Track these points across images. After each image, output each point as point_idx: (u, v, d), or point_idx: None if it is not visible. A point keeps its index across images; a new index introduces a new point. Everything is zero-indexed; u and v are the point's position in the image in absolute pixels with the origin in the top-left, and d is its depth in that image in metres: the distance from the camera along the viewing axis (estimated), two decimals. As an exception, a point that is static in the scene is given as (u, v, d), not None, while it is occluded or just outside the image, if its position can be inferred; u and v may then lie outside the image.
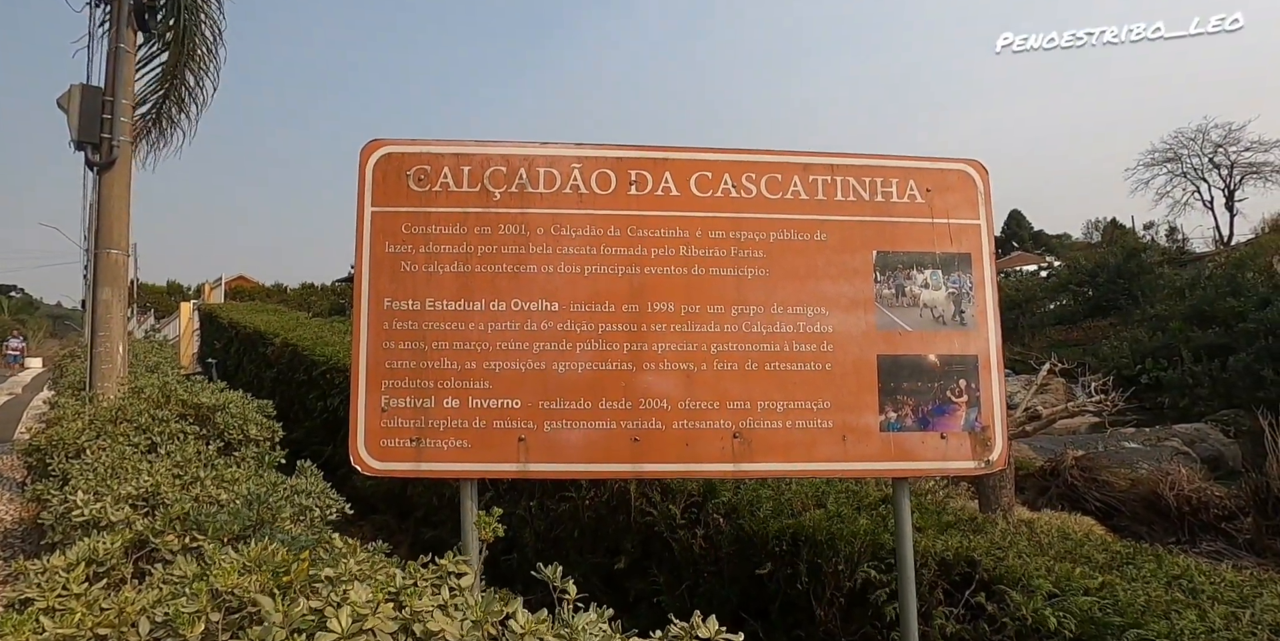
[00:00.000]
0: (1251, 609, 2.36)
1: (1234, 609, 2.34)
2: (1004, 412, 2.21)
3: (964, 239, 2.28)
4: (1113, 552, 2.78)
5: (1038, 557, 2.64)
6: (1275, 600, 2.54)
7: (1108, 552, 2.76)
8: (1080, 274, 36.37)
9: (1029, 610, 2.25)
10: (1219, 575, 2.79)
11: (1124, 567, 2.67)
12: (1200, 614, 2.23)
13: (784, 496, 3.25)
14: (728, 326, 2.17)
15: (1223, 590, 2.53)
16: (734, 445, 2.12)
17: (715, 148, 2.25)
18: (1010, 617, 2.29)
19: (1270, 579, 3.00)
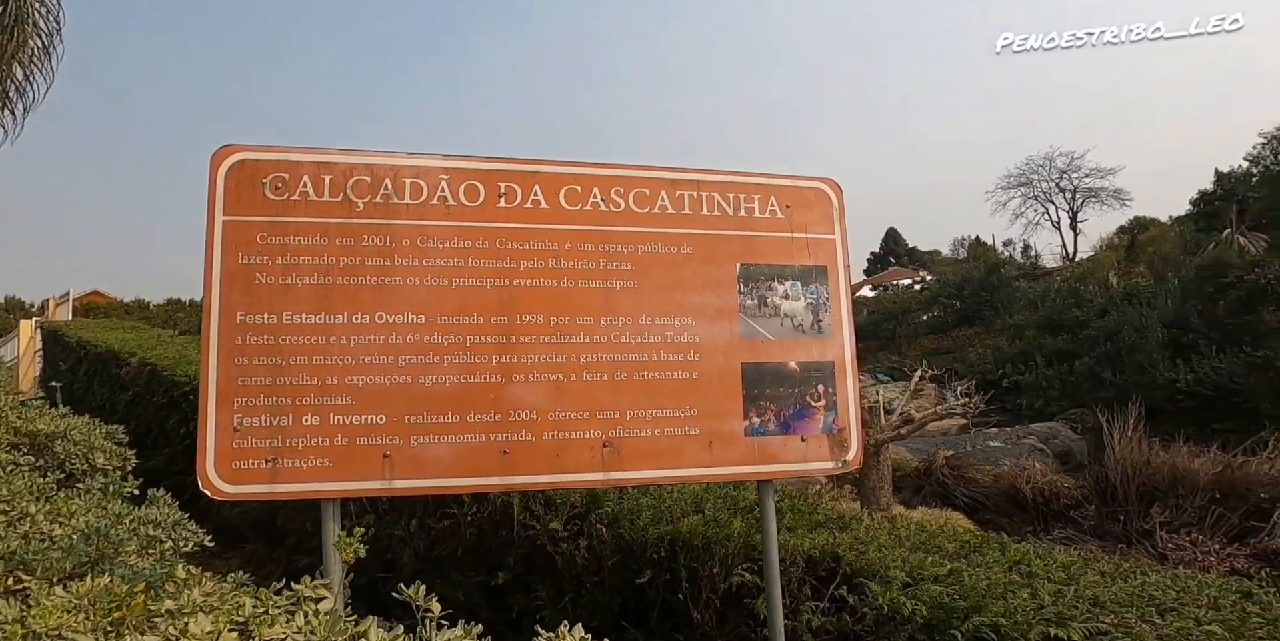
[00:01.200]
0: (1076, 585, 2.62)
1: (1061, 586, 2.59)
2: (859, 415, 2.36)
3: (821, 252, 2.43)
4: (962, 542, 3.00)
5: (896, 550, 2.81)
6: (1096, 577, 2.82)
7: (957, 542, 2.98)
8: (949, 287, 39.29)
9: (885, 599, 2.39)
10: (1053, 558, 3.07)
11: (971, 555, 2.90)
12: (1032, 593, 2.45)
13: (665, 503, 3.31)
14: (597, 337, 2.20)
15: (1054, 571, 2.78)
16: (604, 454, 2.14)
17: (584, 161, 2.29)
18: (869, 607, 2.43)
19: (1096, 558, 3.34)
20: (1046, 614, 2.28)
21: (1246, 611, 2.53)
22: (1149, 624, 2.28)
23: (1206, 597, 2.66)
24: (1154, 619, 2.34)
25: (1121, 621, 2.28)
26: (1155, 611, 2.42)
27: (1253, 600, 2.73)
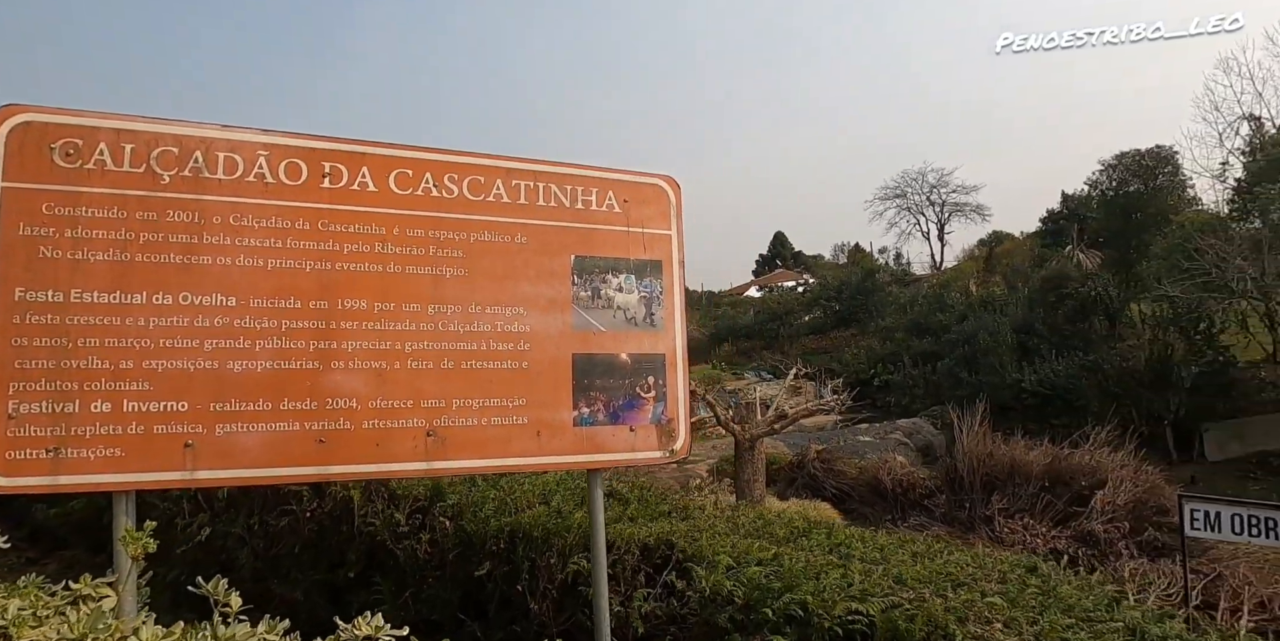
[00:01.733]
0: (885, 565, 2.83)
1: (872, 565, 2.79)
2: (688, 406, 2.45)
3: (656, 247, 2.50)
4: (792, 528, 3.17)
5: (729, 537, 2.94)
6: (906, 557, 3.06)
7: (789, 528, 3.15)
8: (829, 290, 41.34)
9: (709, 583, 2.50)
10: (873, 541, 3.30)
11: (799, 540, 3.07)
12: (845, 573, 2.63)
13: (513, 495, 3.30)
14: (424, 325, 2.16)
15: (870, 552, 3.00)
16: (427, 443, 2.11)
17: (417, 146, 2.24)
18: (694, 591, 2.53)
19: (910, 540, 3.62)
20: (853, 591, 2.45)
21: (1027, 583, 2.82)
22: (941, 597, 2.50)
23: (997, 573, 2.95)
24: (947, 593, 2.56)
25: (918, 595, 2.49)
26: (950, 586, 2.65)
27: (1036, 574, 3.06)
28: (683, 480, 22.43)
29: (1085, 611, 2.49)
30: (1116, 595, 2.80)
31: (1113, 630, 2.33)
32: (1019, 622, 2.29)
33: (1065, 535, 11.01)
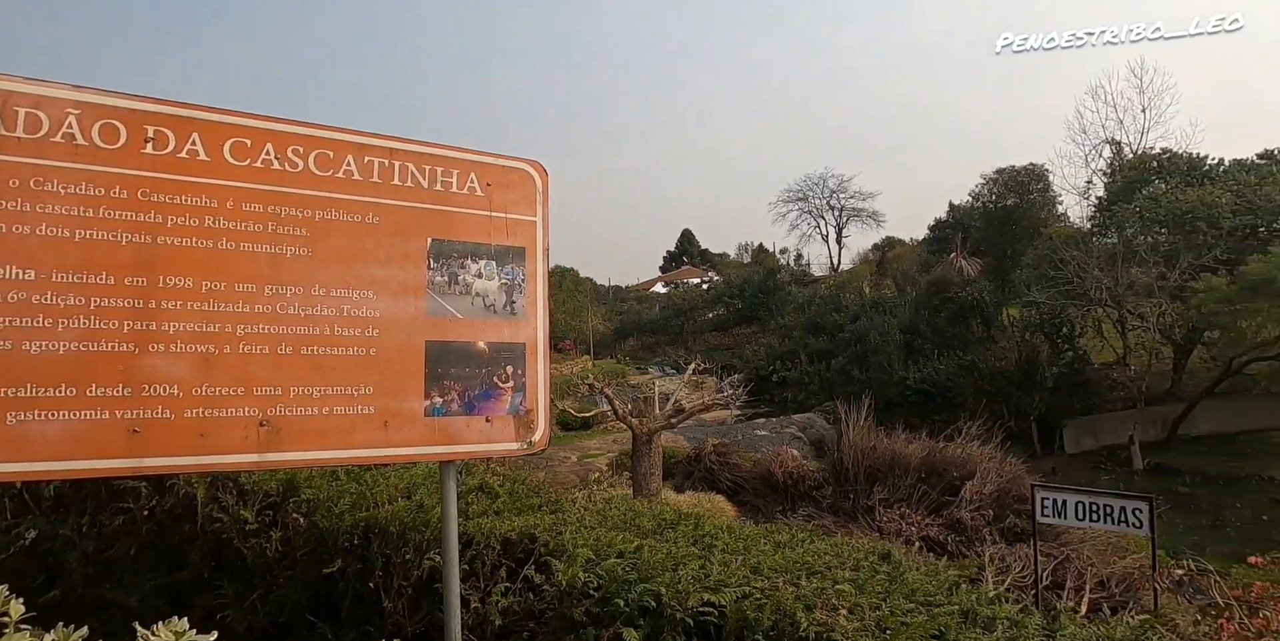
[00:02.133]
0: (746, 555, 2.89)
1: (732, 556, 2.84)
2: (548, 397, 2.40)
3: (520, 233, 2.43)
4: (660, 520, 3.18)
5: (595, 530, 2.91)
6: (769, 546, 3.14)
7: (656, 520, 3.15)
8: (732, 288, 42.45)
9: (567, 576, 2.46)
10: (739, 531, 3.37)
11: (666, 532, 3.08)
12: (704, 564, 2.66)
13: (375, 489, 3.16)
14: (259, 307, 2.00)
15: (733, 543, 3.04)
16: (260, 433, 1.96)
17: (257, 114, 2.07)
18: (552, 585, 2.49)
19: (777, 529, 3.72)
20: (708, 582, 2.48)
21: (878, 570, 2.95)
22: (794, 586, 2.56)
23: (852, 561, 3.07)
24: (800, 581, 2.64)
25: (771, 585, 2.54)
26: (805, 574, 2.73)
27: (888, 561, 3.20)
28: (582, 473, 22.43)
29: (927, 596, 2.62)
30: (958, 579, 2.96)
31: (948, 613, 2.45)
32: (863, 608, 2.38)
33: (937, 523, 11.68)
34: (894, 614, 2.40)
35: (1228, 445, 23.60)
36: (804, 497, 15.05)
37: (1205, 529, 21.67)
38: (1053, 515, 6.46)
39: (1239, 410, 23.70)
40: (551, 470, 21.85)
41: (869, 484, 13.66)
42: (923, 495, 12.78)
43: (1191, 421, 23.97)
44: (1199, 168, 24.21)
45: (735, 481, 16.63)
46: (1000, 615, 2.57)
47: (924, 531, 10.95)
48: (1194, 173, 23.87)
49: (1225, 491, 22.25)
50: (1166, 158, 25.18)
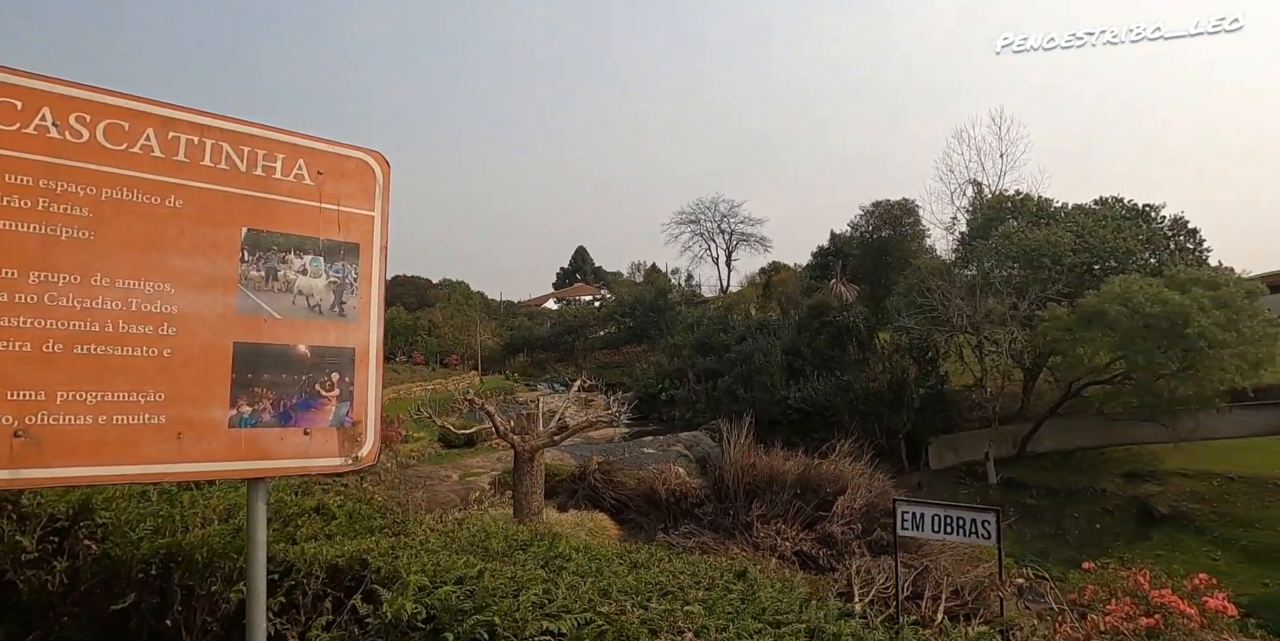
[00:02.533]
0: (596, 577, 2.76)
1: (582, 578, 2.70)
2: (379, 408, 2.19)
3: (354, 228, 2.22)
4: (512, 541, 3.00)
5: (436, 554, 2.70)
6: (623, 567, 3.02)
7: (508, 542, 2.97)
8: (624, 306, 42.74)
9: (394, 607, 2.24)
10: (596, 551, 3.24)
11: (516, 553, 2.91)
12: (549, 588, 2.50)
13: (189, 511, 2.80)
14: (22, 296, 1.69)
15: (585, 564, 2.91)
16: (14, 446, 1.65)
17: (30, 72, 1.78)
18: (377, 616, 2.26)
19: (636, 549, 3.62)
20: (551, 608, 2.33)
21: (731, 589, 2.90)
22: (642, 609, 2.46)
23: (708, 580, 3.01)
24: (649, 604, 2.53)
25: (619, 608, 2.42)
26: (656, 596, 2.63)
27: (744, 578, 3.16)
28: (463, 493, 21.63)
29: (777, 614, 2.58)
30: (809, 596, 2.96)
31: (795, 632, 2.42)
32: (709, 630, 2.30)
33: (811, 537, 12.00)
34: (742, 635, 2.34)
35: (1068, 460, 25.90)
36: (686, 515, 15.12)
37: (1049, 537, 23.62)
38: (912, 528, 6.74)
39: (1077, 429, 26.10)
40: (431, 489, 20.94)
41: (748, 500, 13.90)
42: (798, 510, 13.12)
43: (1038, 439, 26.15)
44: (1046, 209, 26.76)
45: (619, 499, 16.52)
46: (844, 632, 2.57)
47: (797, 546, 11.22)
48: (1042, 214, 26.35)
49: (1065, 503, 24.36)
50: (1020, 199, 27.72)
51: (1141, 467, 24.06)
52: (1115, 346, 20.31)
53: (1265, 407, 25.68)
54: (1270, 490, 21.82)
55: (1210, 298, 18.88)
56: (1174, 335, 18.64)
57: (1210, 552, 21.01)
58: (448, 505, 18.96)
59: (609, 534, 14.34)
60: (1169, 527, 22.06)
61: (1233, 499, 21.95)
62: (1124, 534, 22.78)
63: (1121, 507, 23.13)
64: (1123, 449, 25.42)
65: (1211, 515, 21.79)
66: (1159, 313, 18.84)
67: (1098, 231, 23.57)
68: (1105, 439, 25.78)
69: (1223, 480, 22.54)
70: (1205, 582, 8.72)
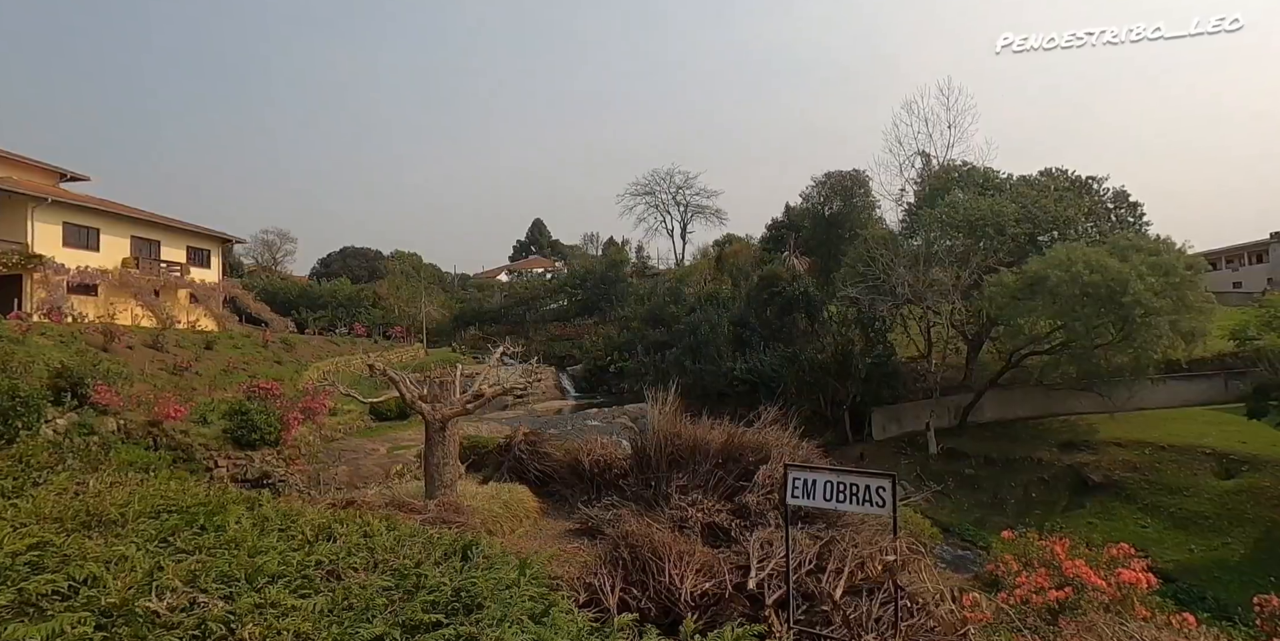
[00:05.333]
0: (233, 555, 2.06)
1: (212, 554, 1.99)
2: None
3: None
4: (160, 509, 2.27)
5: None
6: (286, 546, 2.33)
7: (147, 509, 2.24)
8: (575, 278, 41.84)
9: None
10: (290, 525, 2.54)
11: (140, 522, 2.18)
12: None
13: None
14: None
15: (253, 539, 2.20)
16: None
17: None
18: None
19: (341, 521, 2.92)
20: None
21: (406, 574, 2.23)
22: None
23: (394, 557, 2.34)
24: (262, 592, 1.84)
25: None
26: (280, 586, 1.94)
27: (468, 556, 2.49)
28: (388, 466, 20.78)
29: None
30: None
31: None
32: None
33: (727, 508, 11.49)
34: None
35: (1008, 430, 26.06)
36: (611, 486, 14.57)
37: (987, 506, 23.77)
38: (803, 496, 6.20)
39: (1018, 399, 26.26)
40: (355, 463, 20.11)
41: (671, 471, 13.36)
42: (719, 480, 12.63)
43: (980, 409, 26.25)
44: (992, 180, 26.54)
45: (544, 471, 15.90)
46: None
47: (711, 517, 10.71)
48: (988, 184, 26.12)
49: (1004, 472, 24.51)
50: (966, 170, 27.43)
51: (1078, 437, 24.30)
52: (1055, 314, 20.23)
53: (1198, 378, 26.11)
54: (1198, 459, 22.18)
55: (1149, 265, 18.82)
56: (1112, 303, 18.57)
57: (1140, 520, 21.34)
58: (371, 479, 18.17)
59: (526, 507, 13.72)
60: (1102, 495, 22.35)
61: (1163, 467, 22.28)
62: (1059, 502, 23.03)
63: (1058, 476, 23.35)
64: (1061, 419, 25.66)
65: (1142, 483, 22.10)
66: (1098, 280, 18.73)
67: (1041, 201, 23.39)
68: (1045, 409, 25.99)
69: (1154, 449, 22.85)
70: (1124, 552, 8.39)
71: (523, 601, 1.92)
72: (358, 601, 1.81)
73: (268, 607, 1.64)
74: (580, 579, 8.03)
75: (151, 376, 19.64)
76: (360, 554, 2.10)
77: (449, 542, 2.39)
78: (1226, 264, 48.16)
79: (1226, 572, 18.51)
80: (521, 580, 2.04)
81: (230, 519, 2.18)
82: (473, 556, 2.25)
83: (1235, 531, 19.82)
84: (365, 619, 1.71)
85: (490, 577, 2.03)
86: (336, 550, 2.07)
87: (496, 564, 2.22)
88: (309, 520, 2.36)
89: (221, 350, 24.87)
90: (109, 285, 25.29)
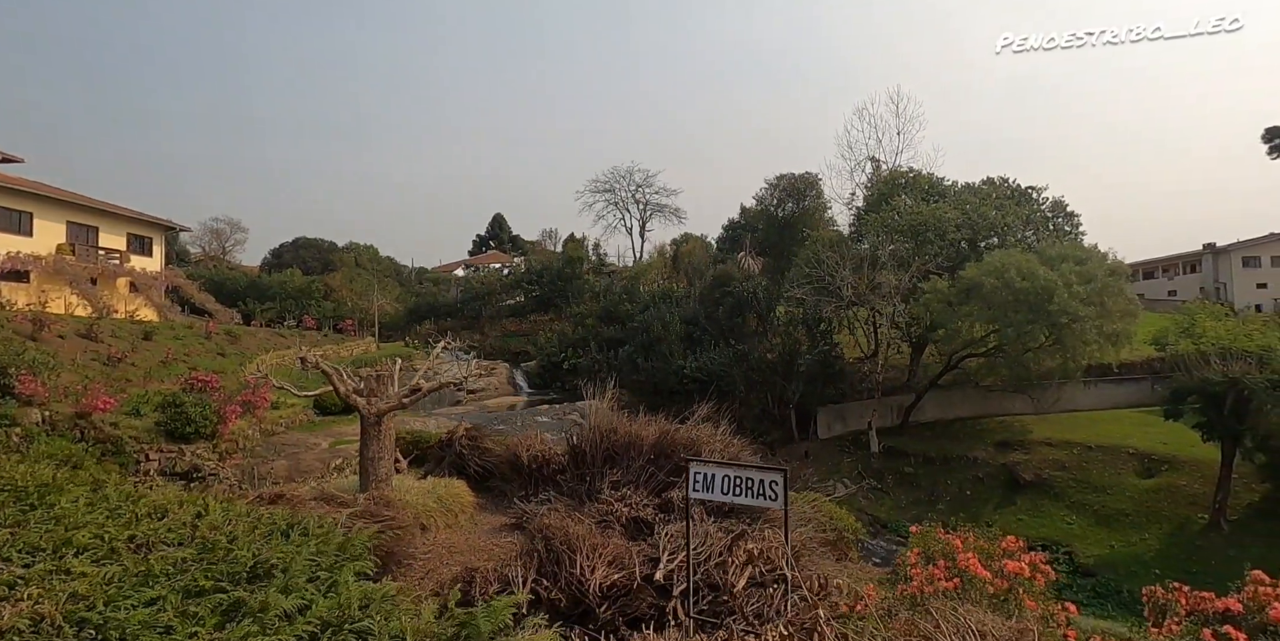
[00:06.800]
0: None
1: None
2: None
3: None
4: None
5: None
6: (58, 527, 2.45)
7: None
8: (531, 274, 41.75)
9: None
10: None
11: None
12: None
13: None
14: None
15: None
16: None
17: None
18: None
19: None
20: None
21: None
22: None
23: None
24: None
25: None
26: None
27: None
28: (329, 460, 20.54)
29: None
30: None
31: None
32: None
33: (654, 503, 11.72)
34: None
35: (947, 430, 26.87)
36: (548, 481, 14.70)
37: (923, 503, 24.49)
38: (703, 489, 6.42)
39: (957, 400, 27.08)
40: (295, 457, 19.84)
41: (605, 466, 13.55)
42: (650, 476, 12.85)
43: (921, 409, 26.98)
44: (937, 187, 27.28)
45: (484, 466, 15.96)
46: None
47: (637, 512, 10.92)
48: (933, 191, 26.85)
49: (941, 470, 25.27)
50: (912, 176, 28.14)
51: (1012, 437, 25.17)
52: (989, 320, 20.93)
53: (1127, 382, 27.27)
54: (1123, 459, 23.19)
55: (1076, 273, 19.59)
56: (1041, 310, 19.29)
57: (1066, 517, 22.23)
58: (310, 473, 17.95)
59: (462, 501, 13.77)
60: (1032, 493, 23.20)
61: (1089, 466, 23.23)
62: (992, 499, 23.84)
63: (991, 475, 24.15)
64: (998, 419, 26.54)
65: (1070, 481, 23.02)
66: (1029, 287, 19.43)
67: (981, 209, 24.14)
68: (982, 410, 26.85)
69: (1083, 449, 23.81)
70: (1013, 544, 8.84)
71: (316, 571, 2.07)
72: (157, 570, 1.94)
73: (60, 574, 1.76)
74: (495, 570, 8.17)
75: (83, 367, 19.12)
76: (181, 530, 2.22)
77: (276, 522, 2.52)
78: (1163, 273, 50.25)
79: (1141, 567, 19.38)
80: (329, 551, 2.19)
81: (65, 498, 2.28)
82: (292, 534, 2.39)
83: (1152, 528, 20.79)
84: (147, 585, 1.84)
85: (292, 551, 2.17)
86: (159, 527, 2.19)
87: (317, 540, 2.36)
88: (150, 501, 2.46)
89: (161, 341, 24.29)
90: (42, 272, 24.47)
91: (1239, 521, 19.78)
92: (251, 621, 1.72)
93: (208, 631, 1.71)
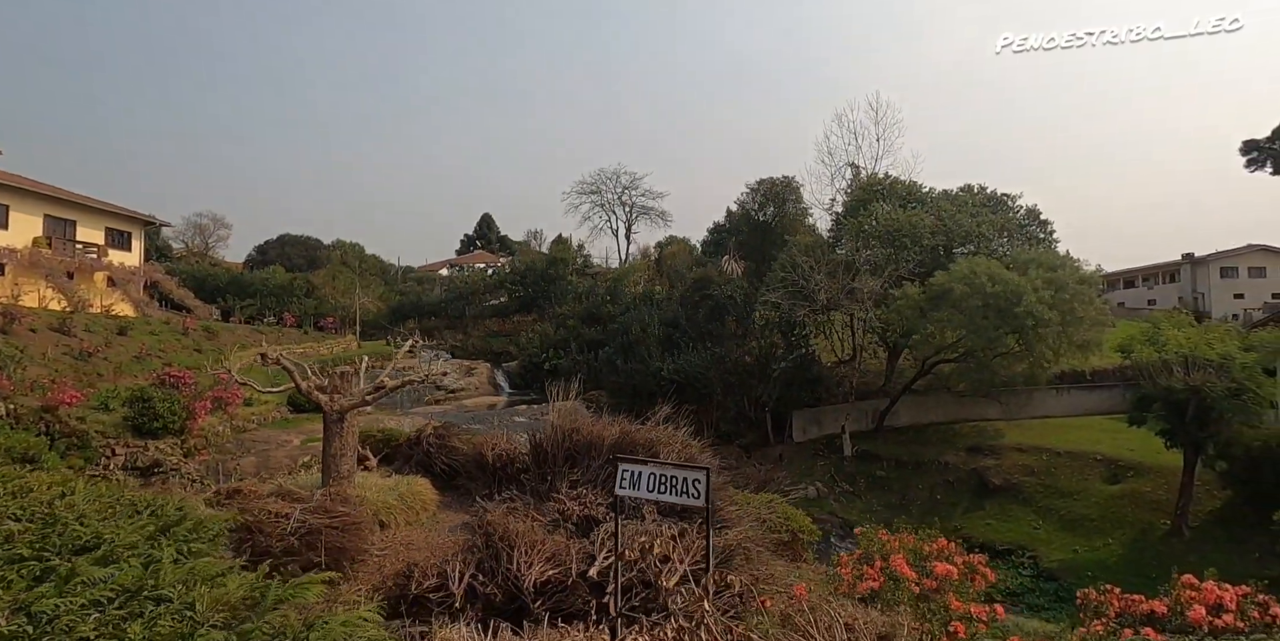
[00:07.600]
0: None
1: None
2: None
3: None
4: None
5: None
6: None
7: None
8: (515, 275, 41.83)
9: None
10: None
11: None
12: None
13: None
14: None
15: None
16: None
17: None
18: None
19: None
20: None
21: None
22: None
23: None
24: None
25: None
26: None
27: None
28: (299, 457, 20.57)
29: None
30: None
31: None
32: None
33: (605, 502, 11.86)
34: None
35: (920, 435, 27.10)
36: (512, 480, 14.81)
37: (894, 507, 24.70)
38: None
39: (930, 405, 27.32)
40: (265, 454, 19.88)
41: (565, 465, 13.68)
42: (609, 476, 12.96)
43: (896, 414, 27.22)
44: (915, 193, 27.57)
45: (451, 465, 16.05)
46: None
47: (589, 510, 11.05)
48: (910, 197, 27.13)
49: (913, 474, 25.51)
50: (890, 182, 28.42)
51: (984, 442, 25.42)
52: (960, 325, 21.17)
53: (1099, 389, 27.57)
54: (1090, 464, 23.49)
55: (1045, 279, 19.86)
56: (1008, 314, 19.54)
57: (1033, 521, 22.50)
58: (279, 470, 17.99)
59: (424, 499, 13.85)
60: (1001, 498, 23.46)
61: (1057, 472, 23.51)
62: (961, 503, 24.10)
63: (962, 479, 24.41)
64: (971, 424, 26.79)
65: (1038, 486, 23.29)
66: (999, 292, 19.69)
67: (957, 216, 24.41)
68: (954, 415, 27.10)
69: (1051, 455, 24.09)
70: (944, 547, 9.06)
71: (150, 548, 2.21)
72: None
73: None
74: (435, 566, 8.30)
75: (53, 361, 19.10)
76: (35, 507, 2.35)
77: (136, 504, 2.65)
78: (1144, 282, 50.80)
79: (1104, 572, 19.63)
80: (179, 531, 2.33)
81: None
82: (143, 515, 2.52)
83: (1115, 533, 21.08)
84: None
85: (130, 528, 2.31)
86: (11, 504, 2.32)
87: (163, 520, 2.50)
88: (18, 483, 2.58)
89: (137, 336, 24.24)
90: (17, 265, 24.39)
91: (1200, 528, 20.10)
92: (53, 586, 1.85)
93: (11, 594, 1.84)
